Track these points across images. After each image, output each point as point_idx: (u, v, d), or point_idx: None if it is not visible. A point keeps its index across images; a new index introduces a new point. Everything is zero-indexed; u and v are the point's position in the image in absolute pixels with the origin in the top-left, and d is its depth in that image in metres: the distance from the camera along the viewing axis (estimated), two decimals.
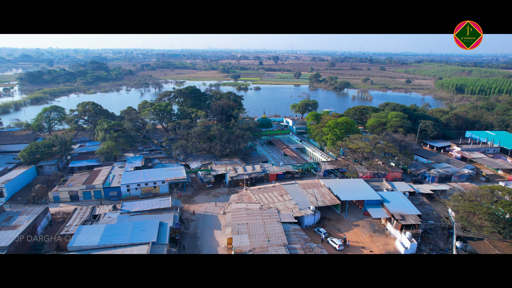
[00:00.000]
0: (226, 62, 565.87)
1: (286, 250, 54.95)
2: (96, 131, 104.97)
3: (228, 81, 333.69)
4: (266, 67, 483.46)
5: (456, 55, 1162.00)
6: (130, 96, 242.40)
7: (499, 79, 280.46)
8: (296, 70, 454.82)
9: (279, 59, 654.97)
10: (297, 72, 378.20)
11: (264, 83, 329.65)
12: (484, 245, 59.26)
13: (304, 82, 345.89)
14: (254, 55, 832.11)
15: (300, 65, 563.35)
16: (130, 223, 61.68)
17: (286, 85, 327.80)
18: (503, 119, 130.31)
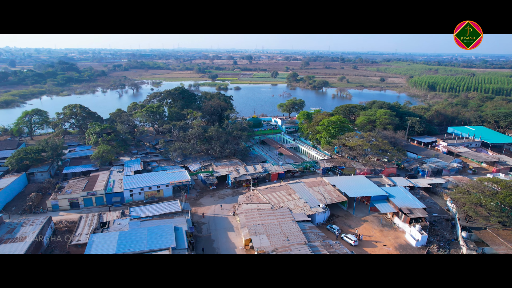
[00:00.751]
0: (200, 62, 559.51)
1: (308, 249, 55.60)
2: (87, 135, 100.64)
3: (205, 81, 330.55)
4: (242, 67, 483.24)
5: (419, 54, 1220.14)
6: (108, 98, 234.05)
7: (464, 77, 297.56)
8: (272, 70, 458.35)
9: (253, 59, 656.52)
10: (274, 72, 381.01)
11: (243, 82, 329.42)
12: (487, 233, 62.93)
13: (282, 82, 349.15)
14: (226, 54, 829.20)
15: (275, 64, 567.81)
16: (144, 229, 59.96)
17: (264, 84, 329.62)
18: (480, 115, 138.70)
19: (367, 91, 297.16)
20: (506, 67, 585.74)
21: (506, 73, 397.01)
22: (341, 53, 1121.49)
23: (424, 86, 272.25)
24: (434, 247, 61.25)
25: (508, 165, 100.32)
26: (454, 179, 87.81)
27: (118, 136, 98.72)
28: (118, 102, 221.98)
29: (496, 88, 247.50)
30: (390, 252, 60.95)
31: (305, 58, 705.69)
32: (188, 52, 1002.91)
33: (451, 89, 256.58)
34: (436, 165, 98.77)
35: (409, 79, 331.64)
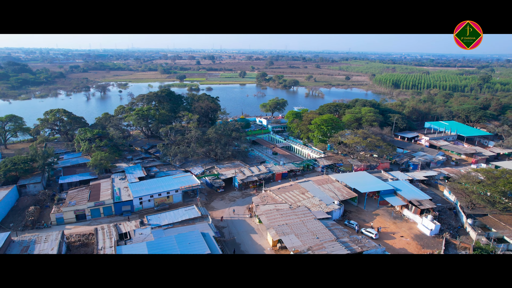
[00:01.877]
0: (162, 63, 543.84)
1: (341, 245, 57.10)
2: (76, 142, 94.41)
3: (173, 82, 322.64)
4: (207, 67, 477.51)
5: (371, 53, 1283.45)
6: (75, 102, 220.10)
7: (422, 75, 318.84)
8: (237, 69, 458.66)
9: (215, 58, 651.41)
10: (241, 72, 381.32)
11: (212, 83, 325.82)
12: (489, 219, 68.81)
13: (251, 81, 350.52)
14: (184, 54, 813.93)
15: (238, 64, 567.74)
16: (171, 238, 58.03)
17: (233, 84, 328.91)
18: (450, 110, 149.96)
19: (335, 89, 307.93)
20: (451, 65, 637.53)
21: (454, 71, 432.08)
22: (298, 52, 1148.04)
23: (389, 84, 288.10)
24: (446, 235, 65.60)
25: (484, 156, 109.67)
26: (446, 171, 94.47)
27: (111, 142, 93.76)
28: (87, 105, 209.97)
29: (451, 85, 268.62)
30: (409, 242, 64.31)
31: (266, 57, 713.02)
32: (145, 52, 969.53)
33: (413, 86, 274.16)
34: (424, 158, 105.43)
35: (372, 77, 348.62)
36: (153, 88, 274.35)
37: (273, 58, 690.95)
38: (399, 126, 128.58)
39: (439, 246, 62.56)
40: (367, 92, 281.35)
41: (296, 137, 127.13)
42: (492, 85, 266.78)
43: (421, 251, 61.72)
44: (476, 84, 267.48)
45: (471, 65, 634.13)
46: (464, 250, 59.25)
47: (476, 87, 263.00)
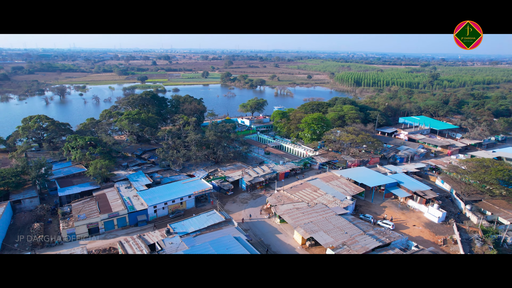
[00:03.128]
0: (116, 63, 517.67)
1: (371, 238, 59.89)
2: (65, 150, 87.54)
3: (135, 83, 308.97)
4: (165, 68, 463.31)
5: (319, 52, 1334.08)
6: (32, 107, 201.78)
7: (378, 73, 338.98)
8: (197, 70, 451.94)
9: (170, 59, 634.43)
10: (204, 72, 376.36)
11: (175, 84, 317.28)
12: (484, 204, 76.11)
13: (215, 82, 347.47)
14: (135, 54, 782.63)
15: (196, 64, 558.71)
16: (206, 244, 56.76)
17: (197, 85, 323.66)
18: (418, 106, 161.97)
19: (299, 88, 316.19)
20: (397, 63, 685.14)
21: (402, 69, 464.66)
22: (250, 51, 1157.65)
23: (351, 82, 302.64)
24: (452, 221, 71.57)
25: (457, 147, 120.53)
26: (433, 162, 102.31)
27: (106, 148, 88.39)
28: (48, 110, 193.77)
29: (407, 82, 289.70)
30: (422, 231, 69.12)
31: (221, 57, 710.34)
32: (92, 52, 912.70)
33: (373, 84, 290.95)
34: (408, 151, 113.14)
35: (332, 76, 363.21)
36: (116, 91, 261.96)
37: (230, 58, 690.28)
38: (379, 122, 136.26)
39: (450, 232, 68.10)
40: (331, 91, 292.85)
41: (284, 136, 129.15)
42: (440, 82, 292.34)
43: (435, 238, 66.66)
44: (427, 81, 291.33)
45: (413, 63, 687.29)
46: (475, 233, 65.14)
47: (428, 84, 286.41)
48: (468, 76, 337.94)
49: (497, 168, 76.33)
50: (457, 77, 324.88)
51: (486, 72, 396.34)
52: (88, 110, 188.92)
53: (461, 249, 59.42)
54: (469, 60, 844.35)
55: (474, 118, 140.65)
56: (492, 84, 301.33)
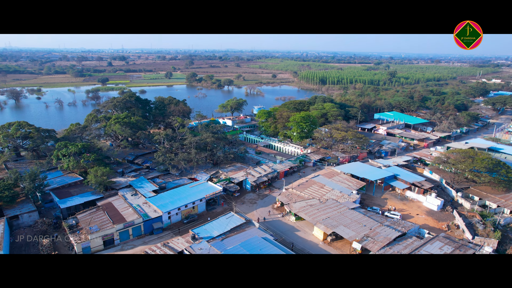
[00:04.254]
0: (67, 64, 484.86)
1: (390, 228, 63.21)
2: (55, 158, 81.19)
3: (96, 85, 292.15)
4: (124, 69, 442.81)
5: (274, 51, 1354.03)
6: None
7: (339, 72, 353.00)
8: (157, 70, 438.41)
9: (126, 59, 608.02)
10: (168, 72, 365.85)
11: (139, 85, 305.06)
12: (472, 191, 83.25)
13: (180, 82, 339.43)
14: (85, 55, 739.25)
15: (155, 64, 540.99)
16: (237, 248, 56.47)
17: (161, 86, 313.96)
18: (389, 102, 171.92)
19: (266, 87, 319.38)
20: (351, 62, 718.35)
21: (359, 67, 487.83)
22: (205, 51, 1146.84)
23: (316, 80, 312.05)
24: (449, 208, 77.68)
25: (432, 140, 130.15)
26: (417, 154, 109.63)
27: (101, 155, 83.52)
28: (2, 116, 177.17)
29: (368, 80, 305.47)
30: (426, 218, 74.14)
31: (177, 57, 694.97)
32: (35, 52, 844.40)
33: (338, 82, 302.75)
34: (391, 146, 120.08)
35: (295, 75, 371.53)
36: (78, 94, 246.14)
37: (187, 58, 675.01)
38: (358, 119, 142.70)
39: (450, 218, 73.84)
40: (298, 89, 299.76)
41: (271, 136, 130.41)
42: (398, 79, 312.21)
43: (438, 224, 71.89)
44: (386, 78, 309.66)
45: (365, 61, 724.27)
46: (473, 218, 71.33)
47: (387, 81, 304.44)
48: (420, 73, 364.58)
49: (482, 158, 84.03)
50: (411, 74, 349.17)
51: (434, 70, 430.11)
52: (53, 115, 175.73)
53: (468, 233, 64.83)
54: (413, 59, 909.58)
55: (441, 113, 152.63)
56: (441, 80, 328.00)
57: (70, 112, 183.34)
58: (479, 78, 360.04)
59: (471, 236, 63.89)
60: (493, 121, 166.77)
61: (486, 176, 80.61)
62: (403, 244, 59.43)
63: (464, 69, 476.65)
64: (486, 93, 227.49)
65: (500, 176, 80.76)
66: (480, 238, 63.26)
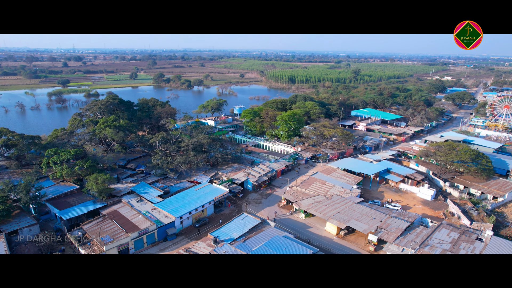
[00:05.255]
0: (16, 65, 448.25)
1: (398, 219, 66.63)
2: (44, 167, 75.66)
3: (55, 87, 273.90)
4: (83, 69, 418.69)
5: (234, 50, 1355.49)
6: None
7: (305, 70, 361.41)
8: (119, 71, 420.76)
9: (82, 59, 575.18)
10: (132, 73, 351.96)
11: (103, 87, 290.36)
12: (457, 180, 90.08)
13: (147, 83, 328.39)
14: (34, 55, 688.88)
15: (116, 65, 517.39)
16: (262, 248, 56.73)
17: (126, 87, 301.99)
18: (363, 99, 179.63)
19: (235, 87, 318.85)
20: (312, 60, 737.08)
21: (322, 66, 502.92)
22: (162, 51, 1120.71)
23: (285, 79, 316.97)
24: (441, 197, 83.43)
25: (408, 134, 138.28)
26: (401, 148, 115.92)
27: (95, 161, 79.19)
28: None
29: (335, 78, 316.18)
30: (423, 208, 78.98)
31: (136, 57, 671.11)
32: None
33: (307, 80, 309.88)
34: (373, 141, 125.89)
35: (263, 74, 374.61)
36: (38, 97, 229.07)
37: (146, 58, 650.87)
38: (340, 116, 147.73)
39: (444, 207, 79.29)
40: (269, 89, 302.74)
41: (258, 135, 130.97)
42: (362, 77, 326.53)
43: (435, 213, 76.97)
44: (352, 76, 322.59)
45: (325, 60, 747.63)
46: (465, 205, 77.26)
47: (352, 79, 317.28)
48: (381, 71, 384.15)
49: (464, 149, 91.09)
50: (373, 72, 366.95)
51: (392, 68, 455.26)
52: (15, 121, 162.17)
53: (466, 219, 70.11)
54: (368, 57, 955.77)
55: (413, 108, 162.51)
56: (400, 78, 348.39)
57: (35, 117, 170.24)
58: (432, 75, 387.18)
59: (469, 222, 69.20)
60: (455, 115, 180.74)
61: (471, 166, 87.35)
62: (414, 233, 63.02)
63: (418, 67, 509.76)
64: (444, 90, 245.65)
65: (481, 165, 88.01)
66: (477, 223, 68.77)
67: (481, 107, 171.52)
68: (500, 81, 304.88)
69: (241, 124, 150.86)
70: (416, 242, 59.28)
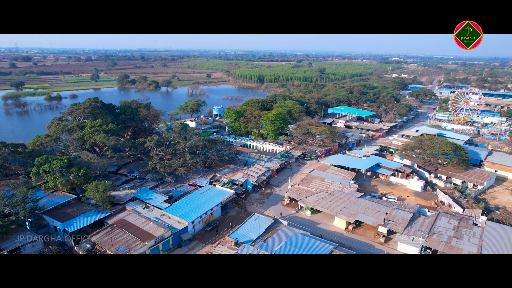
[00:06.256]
0: None
1: (401, 210, 70.46)
2: (33, 176, 70.14)
3: (8, 90, 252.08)
4: (36, 71, 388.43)
5: (191, 50, 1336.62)
6: None
7: (270, 70, 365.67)
8: (77, 72, 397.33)
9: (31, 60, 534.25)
10: (94, 74, 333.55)
11: (62, 89, 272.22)
12: (440, 171, 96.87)
13: (110, 85, 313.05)
14: None
15: (71, 66, 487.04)
16: (285, 247, 57.19)
17: (88, 90, 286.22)
18: (337, 98, 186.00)
19: (203, 87, 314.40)
20: (274, 60, 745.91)
21: (286, 65, 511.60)
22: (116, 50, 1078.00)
23: (254, 78, 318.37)
24: (429, 188, 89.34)
25: (384, 130, 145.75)
26: (383, 143, 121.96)
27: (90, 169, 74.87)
28: None
29: (302, 77, 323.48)
30: (416, 199, 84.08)
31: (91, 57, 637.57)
32: None
33: (275, 80, 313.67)
34: (355, 137, 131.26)
35: (229, 73, 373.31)
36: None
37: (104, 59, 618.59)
38: (321, 114, 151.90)
39: (434, 196, 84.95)
40: (238, 88, 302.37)
41: (243, 135, 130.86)
42: (327, 75, 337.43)
43: (427, 203, 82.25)
44: (318, 75, 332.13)
45: (286, 59, 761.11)
46: (453, 194, 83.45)
47: (318, 77, 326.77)
48: (343, 70, 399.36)
49: (445, 142, 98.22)
50: (337, 71, 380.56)
51: (353, 67, 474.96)
52: None
53: (458, 207, 75.76)
54: (326, 56, 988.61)
55: (386, 105, 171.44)
56: (362, 76, 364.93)
57: None
58: (390, 73, 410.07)
59: (461, 209, 74.94)
60: (420, 111, 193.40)
61: (454, 157, 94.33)
62: (418, 223, 67.05)
63: (375, 65, 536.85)
64: (405, 86, 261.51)
65: (461, 157, 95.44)
66: (468, 210, 74.70)
67: (443, 102, 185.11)
68: (451, 78, 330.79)
69: (222, 125, 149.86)
70: (423, 231, 63.13)
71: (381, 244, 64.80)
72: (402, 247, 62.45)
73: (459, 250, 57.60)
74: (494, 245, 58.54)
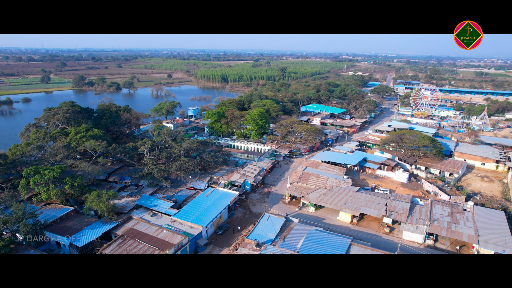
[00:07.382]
0: None
1: (400, 201, 75.03)
2: (22, 189, 64.10)
3: None
4: None
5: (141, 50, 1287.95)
6: None
7: (232, 69, 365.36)
8: (21, 74, 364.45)
9: None
10: (45, 76, 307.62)
11: (9, 92, 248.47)
12: (419, 162, 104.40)
13: (64, 87, 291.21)
14: None
15: (12, 66, 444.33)
16: (306, 244, 58.15)
17: (40, 92, 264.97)
18: (308, 96, 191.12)
19: (166, 87, 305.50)
20: (230, 59, 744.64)
21: (245, 64, 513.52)
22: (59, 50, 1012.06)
23: (218, 78, 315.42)
24: (413, 179, 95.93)
25: (357, 126, 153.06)
26: (362, 139, 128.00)
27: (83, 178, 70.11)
28: None
29: (266, 76, 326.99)
30: (404, 190, 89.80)
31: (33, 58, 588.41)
32: None
33: (239, 79, 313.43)
34: (333, 134, 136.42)
35: (189, 73, 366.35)
36: None
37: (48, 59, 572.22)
38: (299, 112, 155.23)
39: (419, 187, 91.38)
40: (203, 88, 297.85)
41: (225, 135, 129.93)
42: (289, 74, 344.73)
43: (415, 193, 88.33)
44: (280, 74, 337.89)
45: (243, 58, 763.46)
46: (436, 183, 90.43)
47: (280, 76, 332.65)
48: (303, 69, 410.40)
49: (422, 135, 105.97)
50: (297, 70, 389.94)
51: (310, 65, 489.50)
52: None
53: (444, 195, 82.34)
54: (280, 55, 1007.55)
55: (354, 102, 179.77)
56: (321, 74, 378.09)
57: None
58: (346, 71, 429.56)
59: (447, 197, 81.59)
60: (384, 106, 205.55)
61: (431, 149, 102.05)
62: (416, 212, 71.84)
63: (331, 63, 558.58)
64: (365, 84, 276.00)
65: (437, 148, 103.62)
66: (454, 197, 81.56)
67: (404, 98, 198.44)
68: (402, 75, 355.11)
69: (200, 126, 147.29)
70: (423, 219, 67.91)
71: (386, 234, 68.57)
72: (407, 235, 66.62)
73: (460, 234, 62.87)
74: (487, 227, 64.61)
